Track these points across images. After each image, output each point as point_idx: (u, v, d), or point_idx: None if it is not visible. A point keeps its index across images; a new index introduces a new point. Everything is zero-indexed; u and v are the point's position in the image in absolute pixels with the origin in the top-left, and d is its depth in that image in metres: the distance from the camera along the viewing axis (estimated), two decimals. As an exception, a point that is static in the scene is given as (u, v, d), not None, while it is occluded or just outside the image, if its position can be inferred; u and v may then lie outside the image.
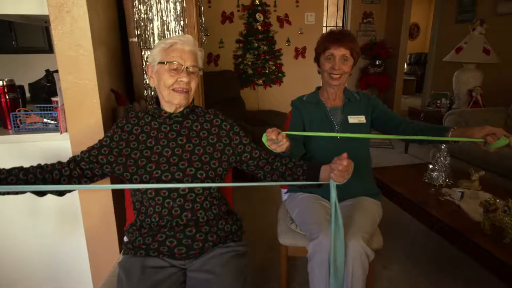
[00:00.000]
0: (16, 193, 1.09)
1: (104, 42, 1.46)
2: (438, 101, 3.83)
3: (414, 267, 2.01)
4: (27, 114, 1.40)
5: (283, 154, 1.30)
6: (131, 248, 1.17)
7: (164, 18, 1.79)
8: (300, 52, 4.38)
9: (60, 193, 1.18)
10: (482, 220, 1.52)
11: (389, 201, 2.03)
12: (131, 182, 1.15)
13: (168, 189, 1.13)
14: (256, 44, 4.14)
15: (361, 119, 1.60)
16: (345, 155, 1.09)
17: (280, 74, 4.37)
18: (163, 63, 1.14)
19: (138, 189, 1.15)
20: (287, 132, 1.19)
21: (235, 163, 1.29)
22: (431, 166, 2.10)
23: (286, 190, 1.80)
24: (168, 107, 1.21)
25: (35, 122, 1.42)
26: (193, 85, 1.19)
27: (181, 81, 1.14)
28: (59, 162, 1.15)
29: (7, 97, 1.42)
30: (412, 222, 2.40)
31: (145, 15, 1.77)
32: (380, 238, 1.49)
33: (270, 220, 2.39)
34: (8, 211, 1.42)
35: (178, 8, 1.79)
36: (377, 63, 5.37)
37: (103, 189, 1.38)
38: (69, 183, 1.13)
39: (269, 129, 1.15)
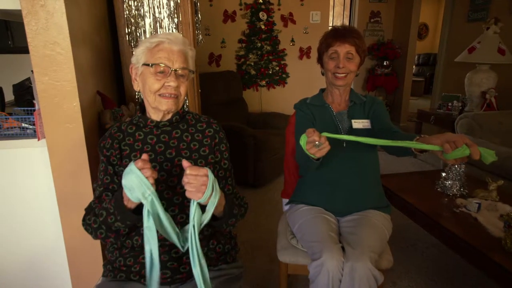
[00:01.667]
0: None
1: (87, 40, 1.33)
2: (449, 104, 3.67)
3: (426, 284, 1.86)
4: (2, 118, 1.28)
5: (316, 162, 1.14)
6: (111, 270, 1.05)
7: (157, 14, 1.66)
8: (304, 53, 4.24)
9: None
10: (503, 236, 1.38)
11: (396, 210, 1.89)
12: None
13: None
14: (259, 44, 4.01)
15: (365, 123, 1.46)
16: (184, 162, 0.85)
17: (284, 75, 4.23)
18: (148, 65, 1.01)
19: None
20: (328, 135, 1.01)
21: None
22: (444, 174, 1.96)
23: (287, 200, 1.66)
24: (154, 115, 1.07)
25: (12, 127, 1.31)
26: (182, 89, 1.05)
27: (169, 85, 1.01)
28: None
29: (-18, 100, 1.30)
30: (423, 233, 2.26)
31: (136, 12, 1.65)
32: (390, 257, 1.35)
33: (272, 228, 2.26)
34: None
35: (172, 4, 1.66)
36: (384, 63, 5.21)
37: (83, 195, 1.25)
38: None
39: (310, 129, 0.99)
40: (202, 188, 0.83)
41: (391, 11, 5.32)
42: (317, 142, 0.98)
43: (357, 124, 1.45)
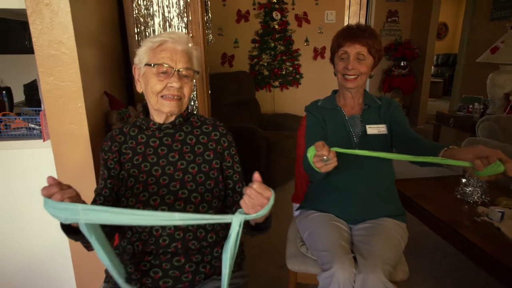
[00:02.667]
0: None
1: (94, 40, 1.31)
2: (470, 106, 3.53)
3: (444, 296, 1.77)
4: (9, 118, 1.28)
5: (321, 174, 1.09)
6: (112, 276, 1.01)
7: (166, 14, 1.64)
8: (319, 53, 4.15)
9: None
10: (529, 249, 1.28)
11: (413, 217, 1.80)
12: (121, 206, 1.00)
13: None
14: (273, 44, 3.95)
15: (381, 129, 1.38)
16: (256, 176, 0.78)
17: (297, 76, 4.16)
18: (150, 65, 0.97)
19: None
20: (338, 150, 0.95)
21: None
22: (464, 180, 1.86)
23: (297, 205, 1.60)
24: (157, 117, 1.04)
25: (19, 128, 1.30)
26: (186, 90, 1.01)
27: (172, 86, 0.97)
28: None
29: (-10, 99, 1.30)
30: (441, 241, 2.15)
31: (146, 11, 1.62)
32: (406, 268, 1.28)
33: (282, 232, 2.20)
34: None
35: (182, 3, 1.63)
36: (402, 64, 5.07)
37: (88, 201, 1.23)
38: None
39: (319, 142, 0.93)
40: (257, 208, 0.77)
41: (409, 10, 5.18)
42: (324, 157, 0.92)
43: (372, 129, 1.38)
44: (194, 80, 1.74)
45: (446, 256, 2.09)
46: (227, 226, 1.12)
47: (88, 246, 0.91)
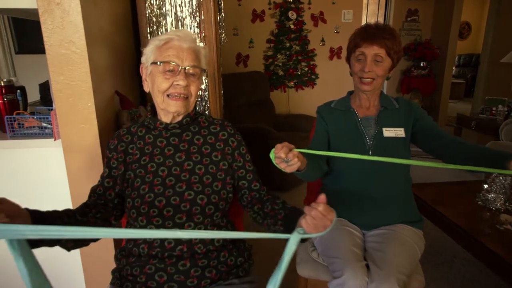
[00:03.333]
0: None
1: (106, 39, 1.31)
2: (494, 108, 3.39)
3: (462, 307, 1.69)
4: (22, 117, 1.29)
5: (296, 174, 1.08)
6: (118, 278, 1.00)
7: (179, 13, 1.62)
8: (335, 53, 4.09)
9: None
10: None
11: (430, 223, 1.73)
12: (125, 206, 1.00)
13: (162, 217, 0.95)
14: (288, 44, 3.91)
15: (398, 132, 1.32)
16: (322, 197, 0.77)
17: (313, 76, 4.10)
18: (156, 63, 0.96)
19: (130, 214, 0.99)
20: (299, 150, 0.96)
21: (233, 187, 1.08)
22: (486, 186, 1.77)
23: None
24: (164, 117, 1.03)
25: (32, 127, 1.31)
26: (193, 89, 0.99)
27: (178, 84, 0.95)
28: (87, 203, 0.99)
29: (5, 98, 1.31)
30: (460, 249, 2.06)
31: (158, 10, 1.62)
32: (422, 277, 1.22)
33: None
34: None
35: (194, 2, 1.62)
36: (421, 64, 4.93)
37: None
38: (103, 225, 0.95)
39: (278, 145, 0.94)
40: (320, 229, 0.77)
41: (429, 9, 5.03)
42: (284, 159, 0.93)
43: (389, 132, 1.32)
44: (206, 80, 1.73)
45: (465, 264, 2.00)
46: (234, 230, 1.10)
47: (69, 247, 0.89)
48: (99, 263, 1.31)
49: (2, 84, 1.30)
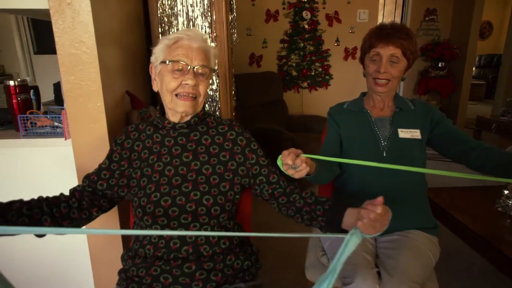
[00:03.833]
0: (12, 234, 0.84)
1: (117, 39, 1.32)
2: (515, 110, 3.26)
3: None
4: (34, 116, 1.30)
5: (307, 177, 1.05)
6: (124, 279, 1.00)
7: (190, 13, 1.62)
8: (350, 53, 4.02)
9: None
10: None
11: (446, 229, 1.67)
12: (132, 205, 0.99)
13: (167, 217, 0.94)
14: (302, 44, 3.87)
15: (414, 133, 1.28)
16: (380, 199, 0.78)
17: (327, 77, 4.05)
18: (165, 62, 0.95)
19: (135, 214, 0.98)
20: (307, 155, 0.94)
21: (249, 186, 1.06)
22: (506, 192, 1.69)
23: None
24: (172, 116, 1.02)
25: (44, 126, 1.33)
26: (201, 89, 0.98)
27: (186, 84, 0.95)
28: (62, 194, 0.99)
29: (19, 98, 1.33)
30: (478, 257, 1.99)
31: (170, 10, 1.62)
32: (436, 286, 1.17)
33: (306, 239, 2.14)
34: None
35: (206, 2, 1.61)
36: (439, 65, 4.79)
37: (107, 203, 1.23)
38: (79, 216, 0.96)
39: (285, 151, 0.92)
40: (379, 228, 0.79)
41: (449, 8, 4.89)
42: (292, 165, 0.91)
43: (405, 133, 1.28)
44: (217, 80, 1.72)
45: (484, 272, 1.93)
46: (241, 231, 1.08)
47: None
48: (108, 263, 1.31)
49: (16, 83, 1.32)
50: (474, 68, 6.39)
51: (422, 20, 4.89)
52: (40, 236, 0.91)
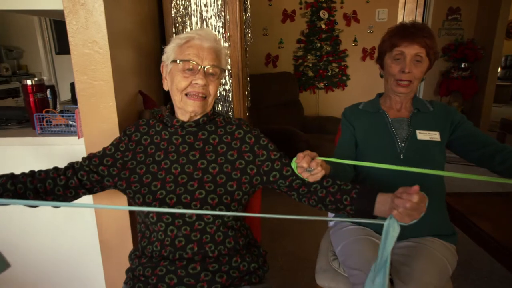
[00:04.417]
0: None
1: (131, 39, 1.33)
2: (543, 113, 3.11)
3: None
4: (49, 115, 1.33)
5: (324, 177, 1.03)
6: (131, 278, 1.00)
7: (204, 13, 1.62)
8: (368, 53, 3.94)
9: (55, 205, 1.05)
10: None
11: (464, 235, 1.60)
12: (133, 201, 0.99)
13: (172, 215, 0.93)
14: (319, 44, 3.82)
15: (434, 135, 1.23)
16: (416, 187, 0.77)
17: (344, 77, 3.98)
18: (176, 62, 0.96)
19: (140, 210, 0.98)
20: (323, 158, 0.92)
21: (262, 184, 1.04)
22: (531, 199, 1.61)
23: (332, 215, 1.50)
24: (181, 115, 1.02)
25: (59, 124, 1.35)
26: (211, 89, 0.98)
27: (196, 83, 0.95)
28: (55, 169, 1.01)
29: (35, 97, 1.37)
30: (498, 266, 1.90)
31: (184, 11, 1.62)
32: (453, 296, 1.12)
33: (319, 242, 2.11)
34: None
35: (219, 2, 1.60)
36: (462, 65, 4.63)
37: (118, 198, 1.24)
38: (64, 194, 0.98)
39: (300, 154, 0.90)
40: (415, 216, 0.79)
41: (473, 7, 4.72)
42: (307, 168, 0.90)
43: (423, 135, 1.24)
44: (230, 80, 1.71)
45: (504, 281, 1.84)
46: (248, 234, 1.06)
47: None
48: (118, 260, 1.32)
49: (34, 83, 1.35)
50: (499, 69, 6.15)
51: (444, 19, 4.74)
52: (33, 206, 1.00)
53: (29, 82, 1.35)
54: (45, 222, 1.38)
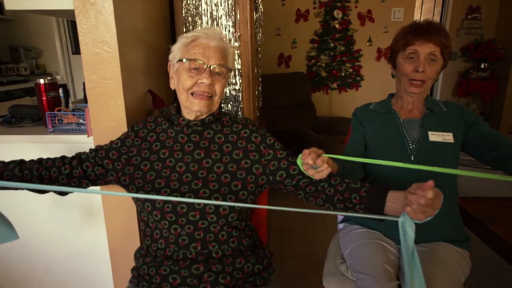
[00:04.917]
0: (6, 188, 0.96)
1: (141, 39, 1.34)
2: None
3: None
4: (61, 113, 1.35)
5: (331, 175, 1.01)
6: (136, 276, 1.01)
7: (214, 13, 1.62)
8: (383, 53, 3.87)
9: (61, 193, 1.08)
10: None
11: (480, 242, 1.54)
12: (140, 200, 0.99)
13: (176, 213, 0.93)
14: (332, 44, 3.78)
15: (446, 137, 1.19)
16: (430, 183, 0.73)
17: (357, 78, 3.93)
18: (182, 61, 0.95)
19: (144, 207, 0.98)
20: (329, 155, 0.89)
21: (268, 184, 1.03)
22: (552, 205, 1.54)
23: (341, 217, 1.47)
24: (187, 114, 1.02)
25: (70, 123, 1.37)
26: (217, 88, 0.97)
27: (202, 83, 0.94)
28: (62, 157, 1.04)
29: (48, 95, 1.39)
30: (517, 274, 1.83)
31: (194, 10, 1.62)
32: (465, 304, 1.08)
33: (327, 244, 2.08)
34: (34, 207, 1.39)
35: (230, 1, 1.60)
36: (482, 66, 4.50)
37: (126, 197, 1.25)
38: (68, 182, 1.00)
39: (306, 150, 0.88)
40: (429, 213, 0.76)
41: (495, 5, 4.58)
42: (313, 165, 0.87)
43: (436, 136, 1.20)
44: (240, 80, 1.71)
45: (524, 292, 1.77)
46: (253, 236, 1.05)
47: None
48: (126, 258, 1.33)
49: (46, 82, 1.38)
50: (521, 70, 5.93)
51: (463, 18, 4.61)
52: (42, 192, 1.04)
53: (42, 81, 1.37)
54: (54, 220, 1.40)
